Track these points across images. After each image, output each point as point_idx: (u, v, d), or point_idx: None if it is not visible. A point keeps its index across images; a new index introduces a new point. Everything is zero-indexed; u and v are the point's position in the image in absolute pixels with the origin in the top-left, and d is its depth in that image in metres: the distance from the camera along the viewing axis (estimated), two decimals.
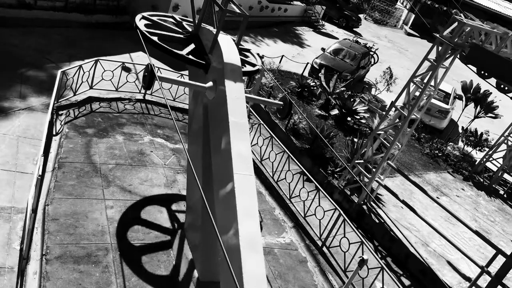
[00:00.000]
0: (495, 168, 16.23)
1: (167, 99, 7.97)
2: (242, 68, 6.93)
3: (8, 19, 13.88)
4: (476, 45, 9.94)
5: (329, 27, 31.29)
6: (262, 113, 14.01)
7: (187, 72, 9.41)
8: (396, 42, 34.96)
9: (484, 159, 15.97)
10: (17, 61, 12.24)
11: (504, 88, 26.37)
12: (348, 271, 8.99)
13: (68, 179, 8.92)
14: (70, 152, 9.67)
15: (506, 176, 16.15)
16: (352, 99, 15.77)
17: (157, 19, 7.87)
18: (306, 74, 18.55)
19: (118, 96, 12.30)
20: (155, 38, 6.97)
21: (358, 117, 15.56)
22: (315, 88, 16.51)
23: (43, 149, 7.53)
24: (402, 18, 42.42)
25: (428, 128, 17.70)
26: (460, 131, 17.82)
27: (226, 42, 6.86)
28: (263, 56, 17.33)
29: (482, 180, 15.75)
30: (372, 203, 11.65)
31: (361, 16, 36.10)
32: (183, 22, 8.17)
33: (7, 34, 13.32)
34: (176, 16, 8.34)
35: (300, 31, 27.29)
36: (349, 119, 15.48)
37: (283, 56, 18.69)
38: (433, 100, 17.00)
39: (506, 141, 15.46)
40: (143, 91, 12.78)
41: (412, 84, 10.75)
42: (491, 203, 14.34)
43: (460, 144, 17.56)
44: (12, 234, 7.43)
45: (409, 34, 40.14)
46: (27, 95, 11.03)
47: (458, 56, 10.51)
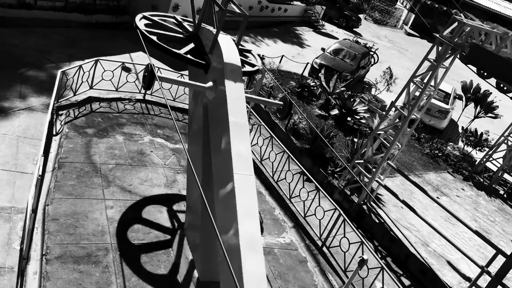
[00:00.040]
0: (495, 168, 16.23)
1: (167, 99, 7.97)
2: (242, 68, 6.93)
3: (8, 19, 13.88)
4: (476, 45, 9.94)
5: (329, 27, 31.29)
6: (262, 113, 14.01)
7: (187, 72, 9.40)
8: (396, 42, 34.96)
9: (484, 159, 15.97)
10: (17, 61, 12.24)
11: (504, 88, 26.38)
12: (348, 271, 8.99)
13: (68, 179, 8.92)
14: (70, 152, 9.67)
15: (506, 176, 16.14)
16: (352, 99, 15.77)
17: (158, 19, 7.86)
18: (306, 74, 18.55)
19: (118, 96, 12.30)
20: (154, 38, 6.97)
21: (358, 117, 15.56)
22: (315, 88, 16.51)
23: (43, 149, 7.53)
24: (402, 18, 42.42)
25: (428, 128, 17.70)
26: (460, 131, 17.82)
27: (226, 42, 6.86)
28: (263, 57, 17.33)
29: (482, 180, 15.75)
30: (372, 203, 11.65)
31: (361, 16, 36.10)
32: (184, 23, 8.16)
33: (7, 34, 13.32)
34: (178, 17, 8.33)
35: (300, 31, 27.28)
36: (349, 119, 15.48)
37: (283, 56, 18.68)
38: (433, 100, 17.00)
39: (506, 141, 15.45)
40: (143, 91, 12.78)
41: (412, 84, 10.75)
42: (491, 203, 14.34)
43: (460, 144, 17.55)
44: (12, 234, 7.43)
45: (409, 34, 40.14)
46: (27, 95, 11.03)
47: (458, 56, 10.51)
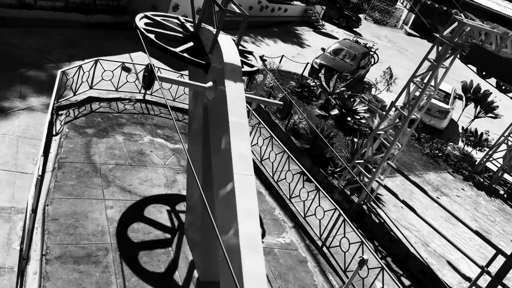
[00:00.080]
0: (495, 168, 16.22)
1: (167, 99, 7.97)
2: (242, 68, 6.92)
3: (8, 19, 13.88)
4: (476, 45, 9.94)
5: (329, 27, 31.28)
6: (262, 113, 14.01)
7: (187, 72, 9.40)
8: (396, 42, 34.95)
9: (484, 159, 15.97)
10: (17, 61, 12.24)
11: (504, 88, 26.35)
12: (348, 271, 8.99)
13: (68, 179, 8.92)
14: (70, 152, 9.67)
15: (506, 176, 16.14)
16: (352, 99, 15.77)
17: (160, 19, 7.86)
18: (306, 74, 18.55)
19: (118, 96, 12.30)
20: (152, 36, 6.96)
21: (358, 117, 15.56)
22: (315, 88, 16.50)
23: (43, 149, 7.53)
24: (402, 18, 42.42)
25: (428, 128, 17.70)
26: (460, 131, 17.82)
27: (226, 42, 6.86)
28: (264, 58, 17.30)
29: (482, 180, 15.75)
30: (372, 203, 11.65)
31: (361, 16, 36.10)
32: (186, 23, 8.15)
33: (7, 34, 13.31)
34: (181, 17, 8.32)
35: (300, 31, 27.28)
36: (349, 119, 15.47)
37: (283, 56, 18.68)
38: (433, 100, 16.99)
39: (506, 141, 15.45)
40: (143, 91, 12.78)
41: (412, 84, 10.75)
42: (491, 203, 14.33)
43: (460, 144, 17.55)
44: (12, 234, 7.43)
45: (409, 34, 40.14)
46: (27, 95, 11.03)
47: (458, 56, 10.50)
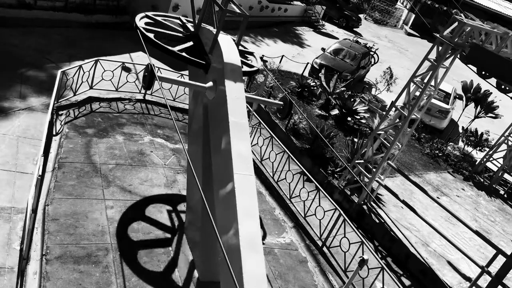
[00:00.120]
0: (495, 168, 16.22)
1: (167, 99, 7.97)
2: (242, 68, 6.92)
3: (8, 19, 13.88)
4: (476, 45, 9.93)
5: (329, 27, 31.28)
6: (262, 113, 14.00)
7: (187, 72, 9.40)
8: (396, 42, 34.95)
9: (485, 159, 15.96)
10: (17, 61, 12.23)
11: (504, 88, 26.34)
12: (349, 271, 8.98)
13: (68, 179, 8.92)
14: (70, 152, 9.67)
15: (507, 176, 16.14)
16: (352, 99, 15.77)
17: (161, 19, 7.84)
18: (306, 74, 18.55)
19: (118, 96, 12.30)
20: (151, 35, 6.95)
21: (358, 117, 15.55)
22: (315, 88, 16.50)
23: (43, 149, 7.53)
24: (402, 18, 42.42)
25: (428, 128, 17.69)
26: (460, 131, 17.81)
27: (226, 42, 6.85)
28: (265, 59, 17.29)
29: (482, 180, 15.74)
30: (372, 203, 11.64)
31: (361, 16, 36.10)
32: (188, 24, 8.14)
33: (7, 34, 13.31)
34: (182, 18, 8.31)
35: (300, 31, 27.28)
36: (349, 119, 15.47)
37: (283, 56, 18.68)
38: (433, 100, 16.99)
39: (506, 141, 15.45)
40: (143, 91, 12.78)
41: (412, 84, 10.74)
42: (491, 203, 14.33)
43: (460, 144, 17.55)
44: (12, 234, 7.43)
45: (409, 34, 40.13)
46: (27, 95, 11.03)
47: (458, 56, 10.50)
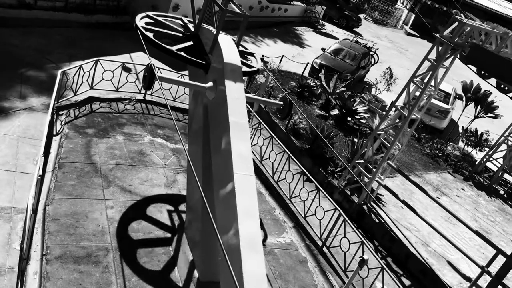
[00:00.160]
0: (495, 168, 16.22)
1: (167, 99, 7.97)
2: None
3: (8, 19, 13.88)
4: (476, 45, 9.93)
5: (329, 27, 31.29)
6: (262, 113, 14.01)
7: (187, 72, 9.40)
8: (396, 42, 34.95)
9: (484, 159, 15.97)
10: (17, 61, 12.24)
11: (504, 88, 26.35)
12: (349, 271, 8.99)
13: (68, 179, 8.92)
14: (70, 152, 9.67)
15: (506, 176, 16.14)
16: (352, 99, 15.77)
17: (162, 19, 7.84)
18: (306, 74, 18.55)
19: (118, 96, 12.30)
20: (150, 35, 6.94)
21: (358, 117, 15.56)
22: (315, 88, 16.51)
23: (43, 149, 7.52)
24: (402, 18, 42.43)
25: (428, 128, 17.70)
26: (460, 131, 17.82)
27: (226, 42, 6.85)
28: (266, 60, 17.29)
29: (482, 180, 15.75)
30: (372, 203, 11.65)
31: (361, 16, 36.10)
32: (189, 24, 8.13)
33: (7, 34, 13.32)
34: (184, 18, 8.30)
35: (300, 31, 27.28)
36: (349, 119, 15.47)
37: (283, 56, 18.68)
38: (433, 100, 16.99)
39: (506, 141, 15.45)
40: (143, 91, 12.78)
41: (412, 84, 10.75)
42: (491, 203, 14.33)
43: (460, 144, 17.55)
44: (12, 234, 7.43)
45: (409, 34, 40.14)
46: (27, 95, 11.03)
47: (458, 56, 10.50)
